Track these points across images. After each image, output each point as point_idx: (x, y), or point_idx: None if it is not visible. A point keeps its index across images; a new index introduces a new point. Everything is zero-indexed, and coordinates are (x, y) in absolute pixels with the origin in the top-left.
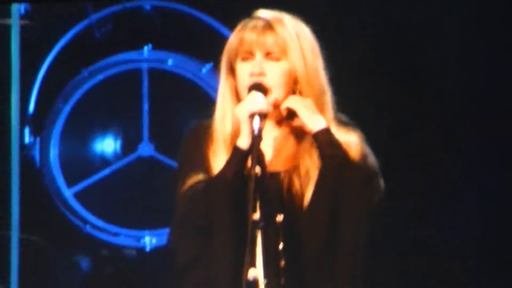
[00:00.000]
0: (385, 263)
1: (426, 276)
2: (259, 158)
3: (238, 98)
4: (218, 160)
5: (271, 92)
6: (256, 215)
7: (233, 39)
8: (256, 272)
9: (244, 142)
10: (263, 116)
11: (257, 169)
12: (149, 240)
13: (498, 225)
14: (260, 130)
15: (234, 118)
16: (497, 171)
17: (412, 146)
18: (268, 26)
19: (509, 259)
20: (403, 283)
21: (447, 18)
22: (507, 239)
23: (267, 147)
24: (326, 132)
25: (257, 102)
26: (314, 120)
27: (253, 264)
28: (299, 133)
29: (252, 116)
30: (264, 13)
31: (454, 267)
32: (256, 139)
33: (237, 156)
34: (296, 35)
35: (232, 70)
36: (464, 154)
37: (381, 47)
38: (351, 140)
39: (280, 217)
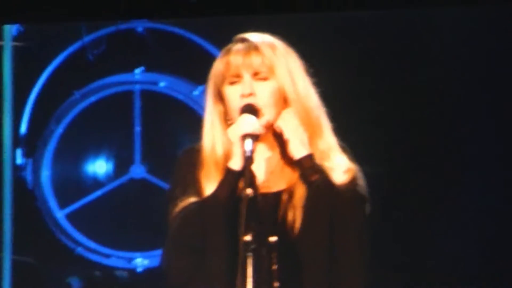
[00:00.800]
0: (386, 271)
1: (428, 283)
2: (252, 180)
3: (226, 122)
4: (211, 182)
5: (263, 112)
6: (248, 237)
7: (218, 64)
8: None
9: (236, 164)
10: (255, 138)
11: (249, 191)
12: (141, 262)
13: (501, 227)
14: (252, 152)
15: (225, 142)
16: (499, 175)
17: (412, 152)
18: (253, 47)
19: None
20: None
21: (446, 32)
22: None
23: (259, 169)
24: (309, 158)
25: (249, 123)
26: (298, 146)
27: (244, 286)
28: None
29: (244, 137)
30: (246, 36)
31: (456, 273)
32: (248, 160)
33: (230, 177)
34: (281, 54)
35: (219, 96)
36: (466, 159)
37: (375, 62)
38: (340, 164)
39: (273, 239)
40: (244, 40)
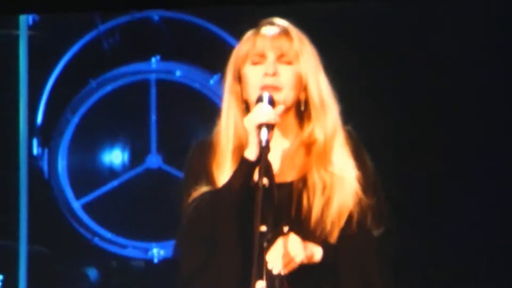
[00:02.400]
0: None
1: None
2: (267, 169)
3: (243, 107)
4: (223, 172)
5: (282, 93)
6: (264, 227)
7: (243, 46)
8: (264, 284)
9: (251, 153)
10: (271, 127)
11: (265, 180)
12: (157, 252)
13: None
14: (268, 141)
15: (239, 130)
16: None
17: (422, 147)
18: (283, 31)
19: None
20: None
21: (466, 27)
22: None
23: (275, 158)
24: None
25: (265, 113)
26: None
27: (260, 276)
28: (307, 145)
29: (260, 127)
30: (274, 20)
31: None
32: (264, 150)
33: (245, 167)
34: (308, 43)
35: (239, 78)
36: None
37: (383, 59)
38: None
39: (286, 229)
40: (273, 24)
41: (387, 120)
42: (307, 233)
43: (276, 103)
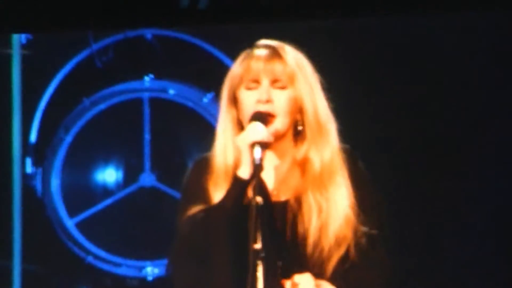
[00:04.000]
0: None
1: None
2: (261, 188)
3: (239, 128)
4: (219, 191)
5: (275, 120)
6: (258, 245)
7: (237, 68)
8: None
9: (245, 172)
10: (264, 146)
11: (259, 199)
12: (151, 270)
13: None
14: (261, 160)
15: (236, 149)
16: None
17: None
18: (276, 54)
19: None
20: None
21: (459, 37)
22: None
23: (268, 177)
24: None
25: (258, 131)
26: None
27: None
28: (301, 165)
29: (253, 145)
30: (270, 43)
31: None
32: (257, 168)
33: (238, 185)
34: (302, 65)
35: (234, 100)
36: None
37: (381, 75)
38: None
39: (281, 263)
40: (267, 47)
41: (386, 137)
42: (304, 257)
43: (270, 123)
